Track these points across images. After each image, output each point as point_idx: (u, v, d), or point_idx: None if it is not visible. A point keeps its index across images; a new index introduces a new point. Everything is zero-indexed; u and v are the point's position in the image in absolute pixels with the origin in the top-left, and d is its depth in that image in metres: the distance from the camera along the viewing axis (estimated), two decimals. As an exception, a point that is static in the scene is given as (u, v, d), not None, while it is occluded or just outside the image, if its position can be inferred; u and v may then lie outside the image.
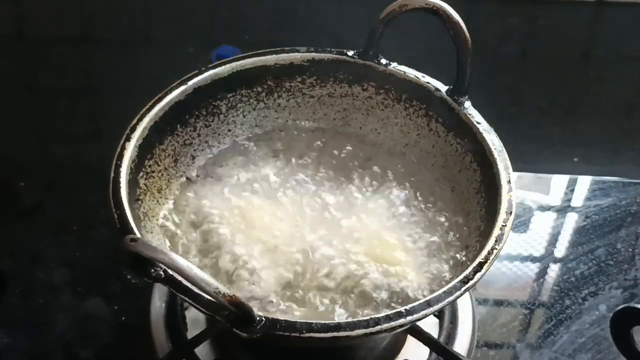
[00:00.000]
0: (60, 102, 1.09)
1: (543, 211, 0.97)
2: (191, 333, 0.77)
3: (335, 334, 0.57)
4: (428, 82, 0.77)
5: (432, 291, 0.67)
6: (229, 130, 0.81)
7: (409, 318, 0.59)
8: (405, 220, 0.74)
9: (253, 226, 0.71)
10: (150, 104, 0.73)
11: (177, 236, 0.72)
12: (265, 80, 0.80)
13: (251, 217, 0.72)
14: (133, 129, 0.71)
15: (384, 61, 0.79)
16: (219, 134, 0.80)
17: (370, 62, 0.79)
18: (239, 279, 0.68)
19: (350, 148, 0.81)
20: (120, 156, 0.68)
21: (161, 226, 0.72)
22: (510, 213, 0.66)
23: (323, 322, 0.58)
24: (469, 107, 0.75)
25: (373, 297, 0.67)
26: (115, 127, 0.72)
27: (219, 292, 0.54)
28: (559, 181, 1.01)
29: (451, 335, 0.80)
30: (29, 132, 1.06)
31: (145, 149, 0.72)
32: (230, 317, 0.56)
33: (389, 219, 0.74)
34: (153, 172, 0.73)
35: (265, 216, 0.73)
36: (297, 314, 0.66)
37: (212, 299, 0.56)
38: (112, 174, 0.67)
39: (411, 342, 0.77)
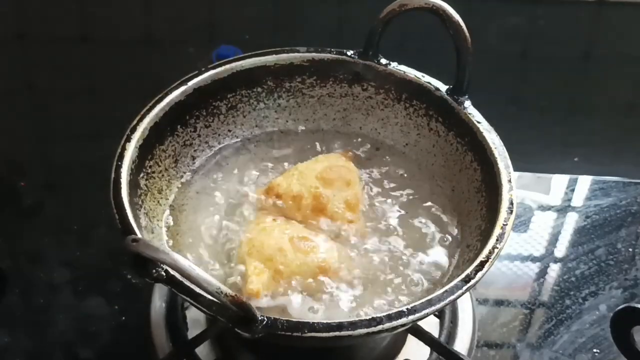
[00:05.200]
0: (60, 102, 1.09)
1: (543, 211, 0.97)
2: (192, 333, 0.77)
3: (337, 333, 0.57)
4: (428, 82, 0.78)
5: (433, 290, 0.67)
6: (229, 131, 0.81)
7: (411, 317, 0.59)
8: (406, 220, 0.74)
9: (253, 225, 0.71)
10: (150, 104, 0.73)
11: (178, 236, 0.72)
12: (265, 81, 0.80)
13: (251, 217, 0.73)
14: (133, 130, 0.71)
15: (383, 61, 0.79)
16: (219, 135, 0.80)
17: (370, 61, 0.79)
18: (242, 278, 0.68)
19: (350, 148, 0.81)
20: (121, 157, 0.68)
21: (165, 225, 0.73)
22: (511, 212, 0.66)
23: (325, 321, 0.58)
24: (469, 107, 0.75)
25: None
26: (115, 128, 0.72)
27: (221, 292, 0.54)
28: (559, 181, 1.01)
29: (452, 335, 0.80)
30: (29, 132, 1.06)
31: (146, 150, 0.72)
32: (232, 317, 0.56)
33: (390, 218, 0.74)
34: (153, 172, 0.73)
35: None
36: (296, 307, 0.66)
37: (214, 299, 0.56)
38: (112, 175, 0.67)
39: (412, 341, 0.77)
